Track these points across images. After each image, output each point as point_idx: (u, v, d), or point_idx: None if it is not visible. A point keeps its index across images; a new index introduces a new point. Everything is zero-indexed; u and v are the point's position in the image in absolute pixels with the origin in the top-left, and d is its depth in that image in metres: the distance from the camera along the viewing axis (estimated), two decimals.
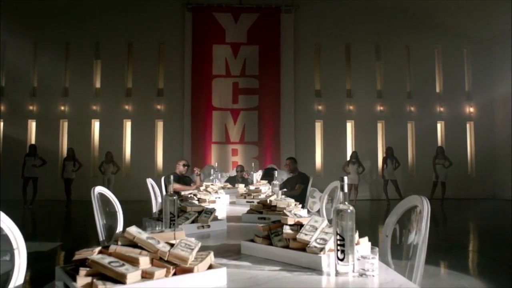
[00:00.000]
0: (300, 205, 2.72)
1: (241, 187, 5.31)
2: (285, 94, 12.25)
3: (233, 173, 8.67)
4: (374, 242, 1.68)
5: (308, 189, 5.51)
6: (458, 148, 12.27)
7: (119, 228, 2.76)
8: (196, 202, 3.13)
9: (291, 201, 2.78)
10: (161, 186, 5.51)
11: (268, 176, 6.19)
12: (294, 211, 2.23)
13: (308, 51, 12.57)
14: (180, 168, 5.66)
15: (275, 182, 3.58)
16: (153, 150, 12.17)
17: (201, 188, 4.12)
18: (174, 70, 12.28)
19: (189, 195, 3.24)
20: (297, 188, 5.47)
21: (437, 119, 12.71)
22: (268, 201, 2.70)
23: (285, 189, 4.80)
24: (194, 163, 11.48)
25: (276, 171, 6.28)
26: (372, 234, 7.15)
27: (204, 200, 3.18)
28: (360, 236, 1.64)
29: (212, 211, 2.30)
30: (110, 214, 2.78)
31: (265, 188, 4.29)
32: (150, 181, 4.51)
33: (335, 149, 12.29)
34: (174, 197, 2.04)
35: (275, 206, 2.60)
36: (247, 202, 3.76)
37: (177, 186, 5.33)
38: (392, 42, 12.61)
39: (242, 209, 3.31)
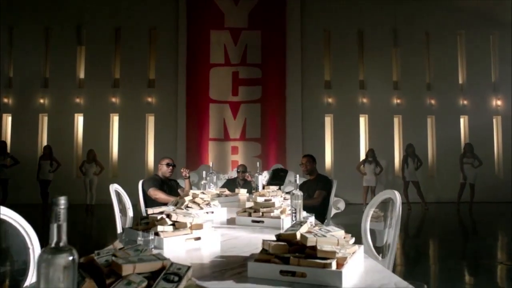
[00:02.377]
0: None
1: (243, 193, 4.08)
2: (291, 85, 10.95)
3: (233, 174, 7.36)
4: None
5: (332, 198, 4.21)
6: (484, 146, 10.92)
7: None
8: (167, 230, 1.83)
9: (341, 233, 1.50)
10: (142, 193, 4.20)
11: (276, 178, 4.89)
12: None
13: (317, 37, 11.25)
14: (163, 169, 4.36)
15: (296, 191, 2.27)
16: (143, 148, 10.87)
17: (186, 199, 2.83)
18: (166, 59, 10.99)
19: (160, 216, 1.94)
20: (317, 196, 4.17)
21: (460, 113, 11.41)
22: (298, 237, 1.40)
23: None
24: (189, 162, 10.21)
25: (286, 173, 5.01)
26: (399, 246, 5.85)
27: (184, 225, 1.87)
28: None
29: (180, 275, 0.98)
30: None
31: (278, 200, 3.00)
32: (115, 188, 3.20)
33: (347, 147, 10.99)
34: None
35: (315, 249, 1.30)
36: (254, 221, 2.47)
37: (158, 194, 4.03)
38: (410, 28, 11.30)
39: (246, 237, 2.04)
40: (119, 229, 3.08)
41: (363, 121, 11.38)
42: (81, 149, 10.75)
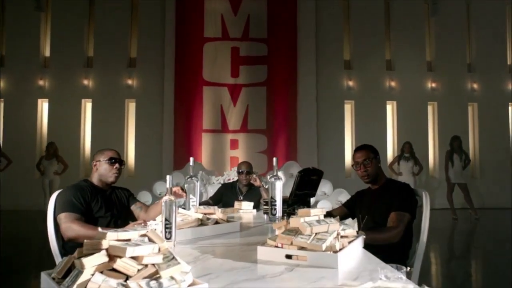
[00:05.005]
0: None
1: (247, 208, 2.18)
2: (303, 64, 8.92)
3: (231, 174, 5.34)
4: None
5: (424, 226, 2.18)
6: None
7: None
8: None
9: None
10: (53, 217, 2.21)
11: (304, 185, 2.91)
12: None
13: (335, 7, 9.22)
14: (103, 168, 2.34)
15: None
16: (121, 141, 8.85)
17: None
18: (151, 32, 8.96)
19: None
20: (394, 223, 2.11)
21: (509, 100, 9.40)
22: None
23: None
24: (177, 160, 8.24)
25: (320, 176, 3.03)
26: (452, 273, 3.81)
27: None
28: None
29: None
30: None
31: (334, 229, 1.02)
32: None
33: (371, 140, 8.89)
34: None
35: None
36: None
37: (73, 228, 2.05)
38: None
39: None
40: None
41: (390, 109, 9.37)
42: (46, 142, 8.69)
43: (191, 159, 2.75)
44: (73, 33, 8.97)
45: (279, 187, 2.65)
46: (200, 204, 3.72)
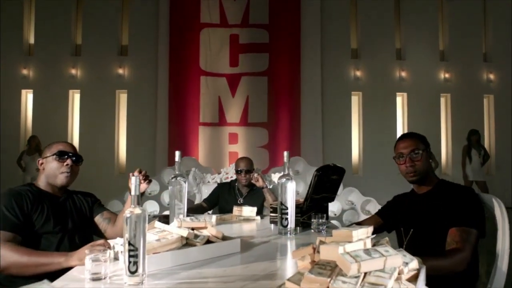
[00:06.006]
0: None
1: (250, 215, 2.00)
2: (307, 53, 8.29)
3: (230, 171, 4.71)
4: None
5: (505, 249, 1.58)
6: None
7: None
8: None
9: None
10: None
11: (323, 186, 2.32)
12: None
13: None
14: (49, 166, 1.74)
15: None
16: (112, 135, 8.23)
17: None
18: (144, 18, 8.32)
19: None
20: (458, 243, 1.52)
21: None
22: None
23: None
24: (172, 155, 7.55)
25: (342, 175, 2.45)
26: None
27: None
28: None
29: None
30: None
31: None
32: None
33: (380, 134, 8.37)
34: None
35: None
36: None
37: (6, 256, 1.45)
38: None
39: None
40: None
41: (400, 101, 8.76)
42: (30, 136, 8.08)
43: (177, 153, 2.14)
44: (60, 18, 8.31)
45: (292, 190, 2.05)
46: (189, 210, 3.10)
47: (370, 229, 1.18)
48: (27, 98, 8.42)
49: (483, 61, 8.82)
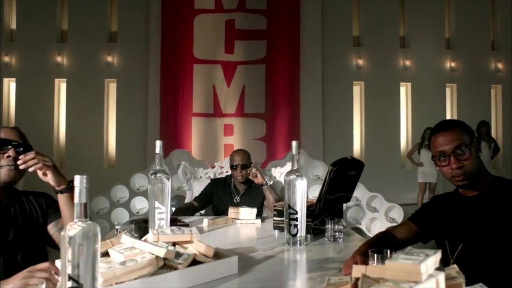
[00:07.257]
0: None
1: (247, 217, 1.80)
2: (307, 40, 7.85)
3: (225, 165, 4.29)
4: None
5: None
6: None
7: None
8: None
9: None
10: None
11: (338, 183, 1.89)
12: None
13: None
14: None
15: None
16: (101, 127, 7.78)
17: None
18: (134, 3, 7.84)
19: None
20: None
21: None
22: None
23: None
24: (163, 147, 7.11)
25: (360, 170, 2.04)
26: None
27: None
28: None
29: None
30: None
31: None
32: None
33: (384, 126, 8.00)
34: None
35: None
36: None
37: None
38: None
39: None
40: None
41: (404, 91, 8.37)
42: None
43: (158, 143, 1.72)
44: (44, 1, 7.80)
45: (302, 190, 1.64)
46: (179, 210, 2.68)
47: (438, 255, 0.77)
48: (10, 87, 7.93)
49: (490, 49, 8.45)
